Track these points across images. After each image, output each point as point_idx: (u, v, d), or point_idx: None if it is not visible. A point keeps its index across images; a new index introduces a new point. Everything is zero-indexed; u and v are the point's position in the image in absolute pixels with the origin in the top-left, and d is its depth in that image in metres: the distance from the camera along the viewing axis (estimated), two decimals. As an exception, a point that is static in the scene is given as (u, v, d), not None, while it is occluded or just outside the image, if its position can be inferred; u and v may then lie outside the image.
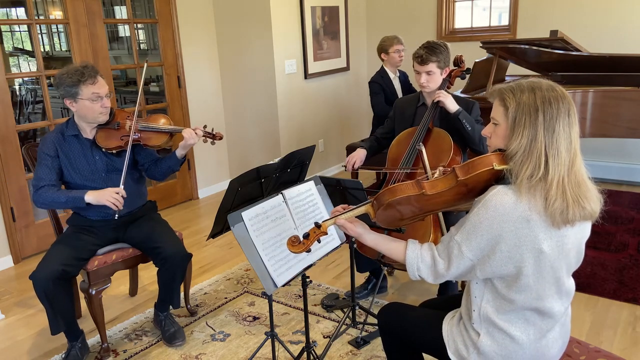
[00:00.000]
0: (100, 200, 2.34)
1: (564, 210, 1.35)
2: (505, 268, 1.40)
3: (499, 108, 1.44)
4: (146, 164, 2.65)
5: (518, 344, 1.46)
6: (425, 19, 5.32)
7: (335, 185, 2.29)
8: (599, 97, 3.39)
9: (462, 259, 1.44)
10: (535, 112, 1.36)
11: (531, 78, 1.47)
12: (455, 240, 1.45)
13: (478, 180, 1.44)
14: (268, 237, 1.85)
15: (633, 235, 3.54)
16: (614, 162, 4.67)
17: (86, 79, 2.36)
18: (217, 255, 3.66)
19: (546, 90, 1.39)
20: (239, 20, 4.66)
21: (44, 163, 2.43)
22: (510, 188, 1.38)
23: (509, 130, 1.40)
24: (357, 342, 2.52)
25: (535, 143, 1.36)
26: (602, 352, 1.61)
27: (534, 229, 1.36)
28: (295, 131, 4.92)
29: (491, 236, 1.38)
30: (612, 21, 4.41)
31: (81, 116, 2.46)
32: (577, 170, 1.39)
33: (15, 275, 3.50)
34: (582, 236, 1.48)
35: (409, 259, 1.54)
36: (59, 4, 6.46)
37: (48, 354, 2.60)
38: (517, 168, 1.37)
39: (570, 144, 1.38)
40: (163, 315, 2.66)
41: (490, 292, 1.48)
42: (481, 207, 1.39)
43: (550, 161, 1.35)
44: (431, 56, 2.53)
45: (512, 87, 1.43)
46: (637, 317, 2.64)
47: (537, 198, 1.36)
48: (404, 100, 2.89)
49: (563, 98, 1.38)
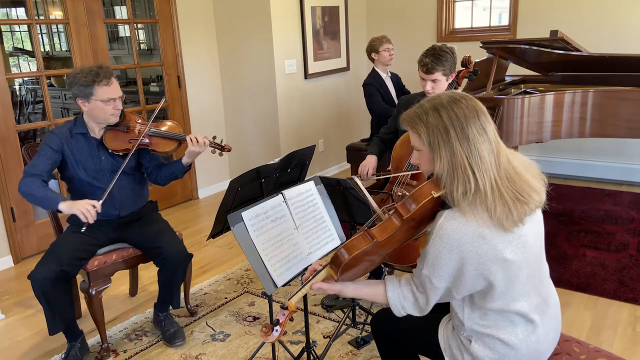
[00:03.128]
0: (73, 209, 2.24)
1: (507, 214, 1.35)
2: (478, 283, 1.41)
3: (413, 136, 1.45)
4: (150, 167, 2.65)
5: (509, 346, 1.47)
6: (425, 19, 5.32)
7: (335, 186, 2.29)
8: (599, 97, 3.39)
9: (436, 290, 1.44)
10: (445, 130, 1.37)
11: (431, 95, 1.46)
12: (424, 274, 1.44)
13: (423, 211, 1.44)
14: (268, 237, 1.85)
15: (633, 235, 3.54)
16: (614, 162, 4.67)
17: (101, 79, 2.35)
18: (217, 255, 3.66)
19: (447, 103, 1.39)
20: (239, 20, 4.66)
21: (43, 153, 2.40)
22: (454, 211, 1.38)
23: (430, 154, 1.41)
24: (357, 342, 2.52)
25: (455, 158, 1.36)
26: (602, 352, 1.61)
27: (491, 242, 1.36)
28: (295, 131, 4.92)
29: (454, 262, 1.38)
30: (612, 21, 4.41)
31: (92, 116, 2.45)
32: (507, 166, 1.39)
33: (15, 275, 3.50)
34: (538, 223, 1.48)
35: (391, 300, 1.53)
36: (59, 4, 6.46)
37: (48, 354, 2.60)
38: (449, 189, 1.37)
39: (490, 144, 1.37)
40: (163, 315, 2.66)
41: (468, 306, 1.49)
42: (435, 238, 1.39)
43: (476, 170, 1.35)
44: (437, 65, 2.50)
45: (416, 112, 1.43)
46: (637, 317, 2.64)
47: (480, 212, 1.36)
48: (409, 98, 2.87)
49: (467, 104, 1.38)
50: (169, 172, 2.63)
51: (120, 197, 2.54)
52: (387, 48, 3.99)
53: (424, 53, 2.55)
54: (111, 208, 2.52)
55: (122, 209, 2.57)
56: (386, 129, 2.89)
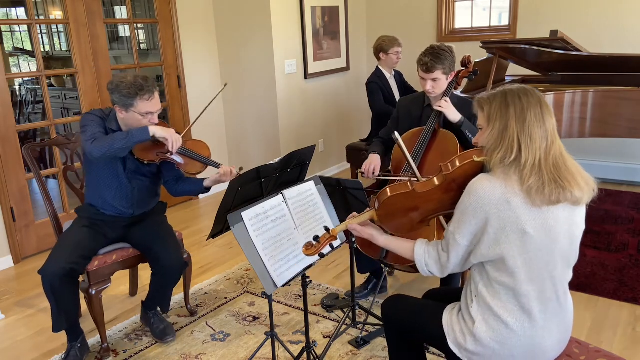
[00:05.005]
0: (167, 133, 2.32)
1: (539, 187, 1.42)
2: (493, 251, 1.48)
3: (479, 114, 1.57)
4: (169, 178, 2.65)
5: (512, 331, 1.50)
6: (425, 19, 5.32)
7: (335, 185, 2.29)
8: (599, 97, 3.39)
9: (457, 247, 1.54)
10: (506, 106, 1.49)
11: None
12: (449, 231, 1.56)
13: (464, 174, 1.57)
14: (268, 237, 1.85)
15: (633, 235, 3.54)
16: (614, 162, 4.67)
17: (144, 93, 2.32)
18: (217, 255, 3.66)
19: (517, 89, 1.53)
20: (239, 20, 4.66)
21: (94, 124, 2.37)
22: (488, 174, 1.50)
23: (487, 128, 1.53)
24: (357, 342, 2.52)
25: (507, 132, 1.47)
26: (602, 352, 1.61)
27: (515, 210, 1.43)
28: (295, 131, 4.92)
29: (478, 219, 1.47)
30: (612, 21, 4.41)
31: (125, 124, 2.43)
32: (557, 156, 1.47)
33: (15, 275, 3.50)
34: (572, 222, 1.50)
35: (417, 256, 1.65)
36: (59, 4, 6.45)
37: (48, 354, 2.60)
38: (489, 155, 1.49)
39: (545, 132, 1.47)
40: (151, 313, 2.68)
41: (485, 278, 1.55)
42: (465, 195, 1.50)
43: (523, 146, 1.45)
44: (436, 64, 2.50)
45: (489, 93, 1.57)
46: (637, 317, 2.64)
47: (512, 180, 1.45)
48: (408, 99, 2.87)
49: (533, 93, 1.51)
50: (186, 189, 2.63)
51: (138, 197, 2.56)
52: (396, 52, 3.99)
53: (423, 53, 2.56)
54: (127, 207, 2.54)
55: (137, 209, 2.59)
56: (387, 129, 2.89)
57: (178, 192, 2.64)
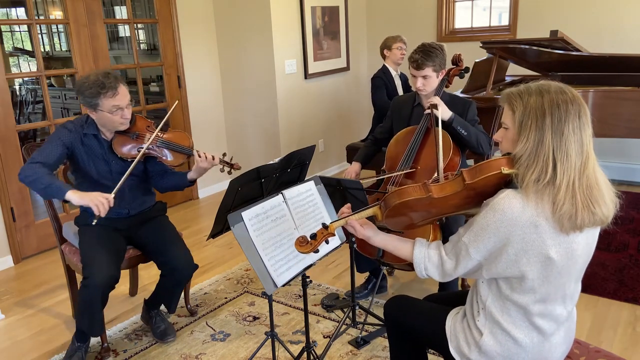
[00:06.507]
0: (84, 200, 2.19)
1: (572, 215, 1.32)
2: (510, 271, 1.40)
3: (507, 112, 1.42)
4: (153, 173, 2.64)
5: (521, 347, 1.46)
6: (425, 19, 5.32)
7: (335, 185, 2.29)
8: (599, 97, 3.39)
9: (469, 260, 1.44)
10: (543, 115, 1.34)
11: (541, 81, 1.43)
12: (463, 242, 1.45)
13: (486, 184, 1.43)
14: (268, 237, 1.85)
15: (633, 235, 3.54)
16: (614, 162, 4.67)
17: (106, 90, 2.29)
18: (217, 255, 3.66)
19: (555, 93, 1.36)
20: (239, 20, 4.66)
21: (53, 145, 2.34)
22: (518, 192, 1.36)
23: (517, 135, 1.38)
24: (357, 342, 2.52)
25: (542, 147, 1.33)
26: (602, 352, 1.61)
27: (541, 234, 1.34)
28: (295, 131, 4.92)
29: (498, 239, 1.37)
30: (612, 21, 4.41)
31: (101, 124, 2.43)
32: (590, 174, 1.36)
33: (15, 275, 3.50)
34: (592, 241, 1.46)
35: (416, 258, 1.56)
36: (59, 4, 6.46)
37: (48, 354, 2.60)
38: (523, 171, 1.35)
39: (581, 147, 1.35)
40: (154, 312, 2.67)
41: (495, 293, 1.48)
42: (489, 210, 1.38)
43: (558, 165, 1.32)
44: (426, 61, 2.52)
45: (520, 90, 1.40)
46: (637, 317, 2.64)
47: (544, 202, 1.34)
48: (401, 99, 2.90)
49: (573, 100, 1.35)
50: (171, 183, 2.62)
51: (130, 196, 2.55)
52: (399, 47, 4.05)
53: (413, 50, 2.59)
54: (121, 207, 2.53)
55: (132, 208, 2.59)
56: (381, 128, 2.90)
57: (164, 187, 2.63)
